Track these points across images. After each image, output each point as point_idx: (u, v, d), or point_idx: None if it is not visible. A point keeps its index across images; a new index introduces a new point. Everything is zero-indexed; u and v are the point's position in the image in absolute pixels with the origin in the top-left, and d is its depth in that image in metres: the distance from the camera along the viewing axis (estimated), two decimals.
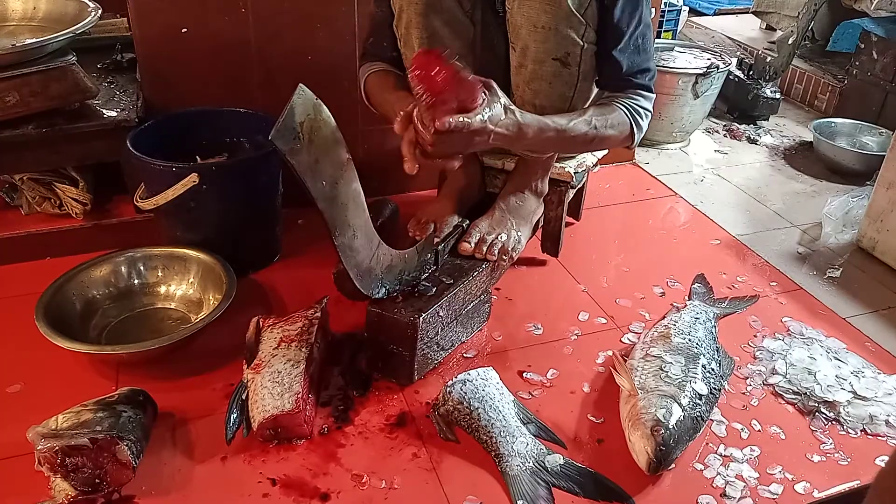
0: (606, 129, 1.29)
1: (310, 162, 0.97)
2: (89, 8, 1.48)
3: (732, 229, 1.76)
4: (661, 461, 1.03)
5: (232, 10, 1.51)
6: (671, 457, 1.05)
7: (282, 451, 1.08)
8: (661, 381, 1.14)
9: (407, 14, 1.29)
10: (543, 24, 1.24)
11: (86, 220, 1.53)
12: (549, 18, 1.23)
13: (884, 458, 1.11)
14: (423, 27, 1.28)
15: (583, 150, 1.48)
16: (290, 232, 1.58)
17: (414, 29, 1.29)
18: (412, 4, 1.27)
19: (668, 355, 1.19)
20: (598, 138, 1.29)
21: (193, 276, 1.38)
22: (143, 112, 1.50)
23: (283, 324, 1.21)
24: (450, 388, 1.13)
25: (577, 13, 1.23)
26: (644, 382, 1.14)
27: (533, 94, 1.31)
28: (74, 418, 1.00)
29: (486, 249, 1.34)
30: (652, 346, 1.23)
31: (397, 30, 1.33)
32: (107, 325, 1.32)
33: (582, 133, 1.26)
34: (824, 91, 2.55)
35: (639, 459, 1.05)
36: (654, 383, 1.13)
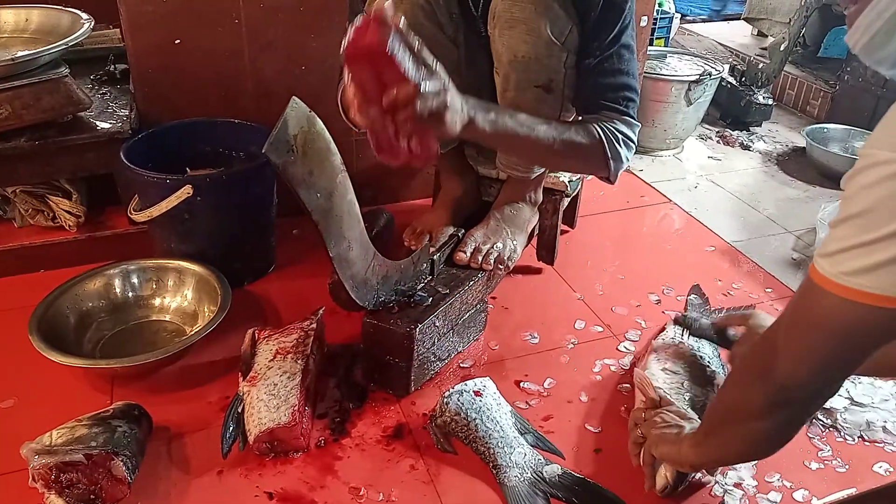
0: (570, 139, 1.21)
1: (304, 174, 0.96)
2: (82, 20, 1.47)
3: (727, 236, 1.76)
4: (678, 485, 1.01)
5: (225, 21, 1.51)
6: (686, 479, 1.03)
7: (278, 465, 1.07)
8: (683, 399, 1.12)
9: None
10: (524, 53, 1.22)
11: (79, 233, 1.52)
12: (528, 48, 1.21)
13: (882, 464, 1.11)
14: None
15: (552, 164, 1.39)
16: (285, 242, 1.58)
17: None
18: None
19: (686, 373, 1.18)
20: (564, 149, 1.21)
21: (188, 288, 1.38)
22: (136, 123, 1.49)
23: (279, 335, 1.21)
24: (447, 398, 1.13)
25: (557, 41, 1.21)
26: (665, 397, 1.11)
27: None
28: (69, 434, 1.00)
29: (481, 259, 1.34)
30: (667, 361, 1.21)
31: None
32: (101, 339, 1.31)
33: (545, 142, 1.17)
34: (816, 97, 2.57)
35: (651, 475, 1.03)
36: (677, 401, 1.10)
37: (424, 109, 0.93)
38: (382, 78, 0.91)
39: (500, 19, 1.22)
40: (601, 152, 1.24)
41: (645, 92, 2.08)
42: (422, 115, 0.93)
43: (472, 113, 1.05)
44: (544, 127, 1.17)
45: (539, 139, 1.17)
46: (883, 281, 0.63)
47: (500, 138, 1.15)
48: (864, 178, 0.63)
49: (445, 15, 1.28)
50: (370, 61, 0.90)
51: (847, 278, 0.65)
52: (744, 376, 0.85)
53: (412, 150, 0.98)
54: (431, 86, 0.93)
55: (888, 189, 0.61)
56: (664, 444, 0.99)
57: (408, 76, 0.90)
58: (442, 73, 0.97)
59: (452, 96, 0.99)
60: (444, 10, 1.27)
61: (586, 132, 1.23)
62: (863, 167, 0.64)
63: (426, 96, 0.93)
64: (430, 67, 0.95)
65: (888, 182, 0.61)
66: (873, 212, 0.63)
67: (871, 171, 0.63)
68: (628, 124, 1.27)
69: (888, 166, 0.61)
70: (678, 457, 0.96)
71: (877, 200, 0.62)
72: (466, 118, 1.04)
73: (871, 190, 0.63)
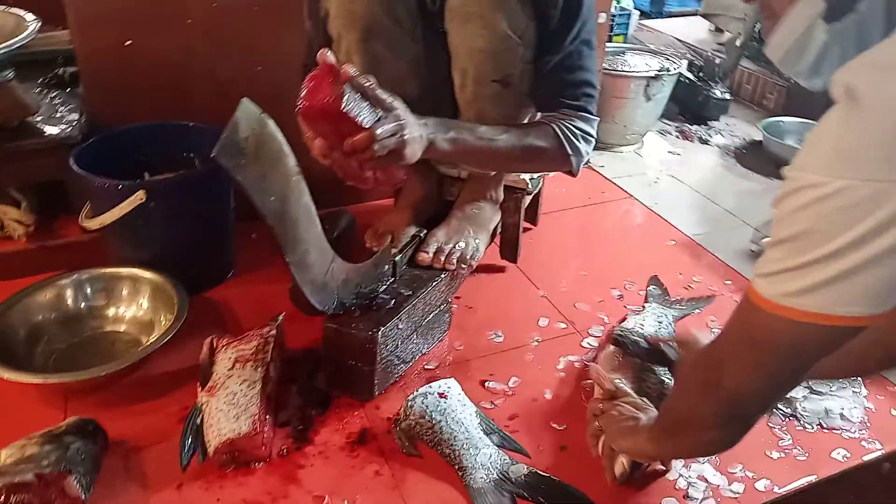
0: (530, 144, 1.23)
1: (256, 178, 0.94)
2: (27, 21, 1.43)
3: (687, 229, 1.78)
4: (634, 471, 1.03)
5: (177, 21, 1.47)
6: (643, 466, 1.04)
7: (240, 476, 1.05)
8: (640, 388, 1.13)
9: (346, 41, 1.25)
10: (480, 47, 1.22)
11: (29, 242, 1.47)
12: (485, 42, 1.21)
13: (840, 450, 1.13)
14: (363, 53, 1.25)
15: (515, 169, 1.41)
16: (244, 247, 1.55)
17: (355, 55, 1.26)
18: (350, 31, 1.24)
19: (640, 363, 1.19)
20: (525, 154, 1.23)
21: (143, 297, 1.34)
22: (87, 128, 1.45)
23: (238, 343, 1.18)
24: (411, 402, 1.12)
25: (513, 35, 1.20)
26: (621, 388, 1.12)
27: (477, 116, 1.29)
28: (19, 453, 0.96)
29: (444, 259, 1.33)
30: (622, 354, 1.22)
31: (337, 53, 1.28)
32: (53, 352, 1.27)
33: (505, 151, 1.21)
34: (772, 91, 2.61)
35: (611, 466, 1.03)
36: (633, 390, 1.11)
37: (383, 150, 1.01)
38: (340, 129, 0.99)
39: (457, 14, 1.22)
40: (561, 152, 1.26)
41: (604, 88, 2.09)
42: (381, 155, 1.01)
43: (432, 136, 1.11)
44: (504, 136, 1.21)
45: (499, 149, 1.21)
46: (821, 300, 0.65)
47: (460, 155, 1.19)
48: (794, 202, 0.64)
49: (403, 10, 1.26)
50: (325, 119, 0.98)
51: (786, 299, 0.67)
52: (692, 388, 0.87)
53: (378, 179, 1.09)
54: (388, 128, 1.01)
55: (819, 212, 0.62)
56: (622, 436, 1.01)
57: (363, 126, 0.98)
58: (399, 106, 1.04)
59: (410, 130, 1.05)
60: (401, 5, 1.26)
61: (545, 134, 1.25)
62: (792, 190, 0.65)
63: (383, 140, 1.01)
64: (386, 105, 1.03)
65: (818, 205, 0.62)
66: (807, 235, 0.64)
67: (800, 195, 0.64)
68: (586, 120, 1.28)
69: (817, 189, 0.62)
70: (636, 448, 0.99)
71: (809, 224, 0.63)
72: (426, 143, 1.10)
73: (802, 213, 0.64)
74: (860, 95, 0.61)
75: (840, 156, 0.61)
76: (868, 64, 0.63)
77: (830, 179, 0.61)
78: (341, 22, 1.25)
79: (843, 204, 0.61)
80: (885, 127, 0.59)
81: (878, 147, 0.59)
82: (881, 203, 0.59)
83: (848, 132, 0.61)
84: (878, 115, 0.60)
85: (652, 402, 1.08)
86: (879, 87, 0.60)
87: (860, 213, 0.60)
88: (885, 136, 0.59)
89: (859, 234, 0.61)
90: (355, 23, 1.24)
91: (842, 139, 0.62)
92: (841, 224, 0.61)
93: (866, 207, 0.60)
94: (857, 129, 0.61)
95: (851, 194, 0.60)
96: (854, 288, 0.63)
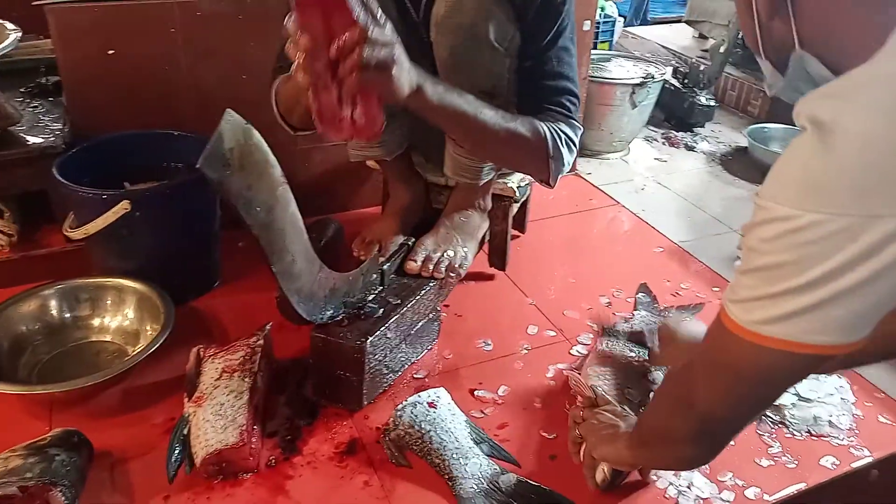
0: (515, 129, 1.19)
1: (242, 189, 0.94)
2: (7, 30, 1.42)
3: (674, 236, 1.79)
4: (616, 479, 1.03)
5: (160, 30, 1.47)
6: (624, 473, 1.04)
7: (227, 487, 1.04)
8: (622, 396, 1.13)
9: None
10: (466, 59, 1.21)
11: (12, 252, 1.46)
12: (470, 54, 1.20)
13: (828, 457, 1.13)
14: None
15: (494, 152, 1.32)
16: (231, 256, 1.53)
17: None
18: None
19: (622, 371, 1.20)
20: (508, 138, 1.19)
21: (129, 306, 1.33)
22: (70, 137, 1.44)
23: (225, 353, 1.17)
24: (400, 411, 1.11)
25: (500, 46, 1.20)
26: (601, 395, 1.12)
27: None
28: (2, 465, 0.95)
29: (432, 267, 1.33)
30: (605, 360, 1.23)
31: None
32: (38, 363, 1.25)
33: (490, 126, 1.15)
34: (756, 97, 2.63)
35: (592, 475, 1.04)
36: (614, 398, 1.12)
37: (372, 58, 0.91)
38: (331, 24, 0.90)
39: (442, 25, 1.21)
40: (543, 148, 1.24)
41: (590, 96, 2.10)
42: (368, 63, 0.90)
43: (421, 81, 1.03)
44: (491, 112, 1.16)
45: (485, 122, 1.15)
46: (792, 329, 0.65)
47: (445, 114, 1.12)
48: (765, 232, 0.64)
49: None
50: (321, 4, 0.89)
51: (758, 326, 0.67)
52: (666, 405, 0.88)
53: (355, 121, 0.96)
54: (380, 34, 0.92)
55: (791, 244, 0.62)
56: (602, 444, 1.01)
57: (357, 21, 0.89)
58: (390, 30, 0.95)
59: (401, 53, 0.97)
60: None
61: (532, 127, 1.22)
62: (762, 220, 0.64)
63: (374, 43, 0.91)
64: (378, 21, 0.93)
65: (790, 237, 0.62)
66: (779, 266, 0.64)
67: (771, 226, 0.63)
68: (571, 126, 1.28)
69: (788, 222, 0.62)
70: (616, 456, 0.99)
71: (781, 255, 0.63)
72: (415, 84, 1.02)
73: (774, 244, 0.64)
74: (825, 127, 0.60)
75: (809, 189, 0.61)
76: (830, 95, 0.63)
77: (801, 213, 0.61)
78: None
79: (814, 237, 0.61)
80: (853, 162, 0.59)
81: (847, 182, 0.59)
82: (855, 237, 0.59)
83: (816, 165, 0.61)
84: (846, 150, 0.59)
85: (633, 409, 1.09)
86: (844, 119, 0.60)
87: (833, 246, 0.60)
88: (853, 171, 0.59)
89: (833, 266, 0.60)
90: None
91: (810, 172, 0.61)
92: (813, 256, 0.61)
93: (838, 241, 0.60)
94: (825, 162, 0.60)
95: (823, 228, 0.60)
96: (826, 318, 0.63)
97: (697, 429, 0.80)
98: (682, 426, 0.82)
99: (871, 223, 0.58)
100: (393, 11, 1.25)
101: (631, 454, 0.96)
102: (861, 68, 0.62)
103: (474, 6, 1.18)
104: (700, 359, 0.78)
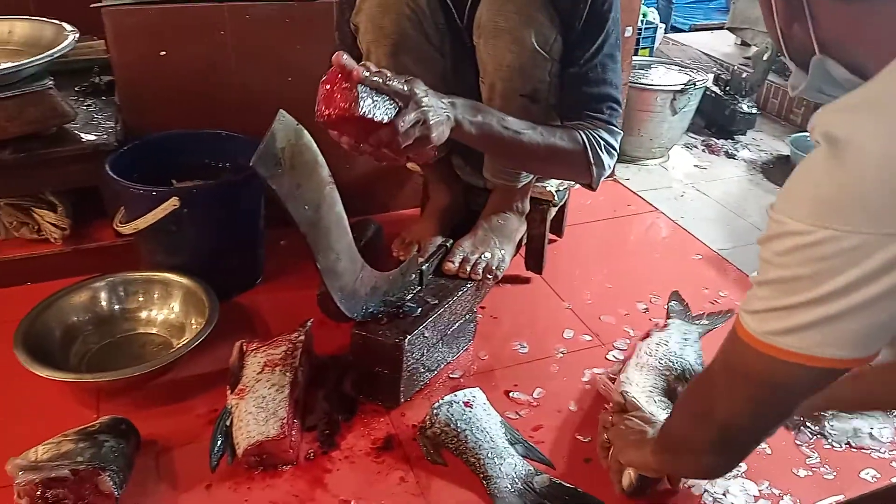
0: (554, 144, 1.22)
1: (291, 187, 0.96)
2: (66, 31, 1.47)
3: (713, 244, 1.78)
4: (643, 484, 1.02)
5: (211, 32, 1.51)
6: (652, 482, 1.04)
7: (267, 478, 1.06)
8: (653, 402, 1.13)
9: (376, 56, 1.27)
10: (508, 63, 1.22)
11: (65, 245, 1.51)
12: (513, 58, 1.22)
13: (869, 470, 1.12)
14: (392, 68, 1.25)
15: (535, 168, 1.38)
16: (273, 253, 1.57)
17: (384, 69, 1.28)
18: (379, 46, 1.26)
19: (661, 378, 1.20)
20: (548, 154, 1.22)
21: (175, 300, 1.37)
22: (122, 135, 1.49)
23: (267, 348, 1.20)
24: (436, 410, 1.13)
25: (541, 51, 1.21)
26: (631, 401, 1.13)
27: None
28: (55, 449, 0.99)
29: (470, 269, 1.34)
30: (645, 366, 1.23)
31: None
32: (87, 352, 1.30)
33: (530, 146, 1.19)
34: (799, 105, 2.59)
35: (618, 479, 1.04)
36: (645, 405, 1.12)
37: (408, 139, 1.01)
38: (362, 129, 0.98)
39: (485, 29, 1.23)
40: (584, 158, 1.26)
41: (630, 102, 2.10)
42: (407, 147, 1.01)
43: (459, 117, 1.09)
44: (530, 132, 1.19)
45: (524, 143, 1.19)
46: (806, 341, 0.65)
47: (485, 141, 1.17)
48: (779, 245, 0.64)
49: (432, 25, 1.28)
50: (345, 123, 0.97)
51: (772, 337, 0.67)
52: (687, 415, 0.88)
53: (411, 159, 1.08)
54: (410, 118, 1.00)
55: (805, 258, 0.62)
56: (629, 449, 1.02)
57: (383, 123, 0.97)
58: (419, 90, 1.02)
59: (435, 114, 1.03)
60: (430, 21, 1.28)
61: (570, 138, 1.25)
62: (776, 234, 0.65)
63: (406, 132, 1.00)
64: (404, 95, 1.00)
65: (804, 251, 0.62)
66: (794, 279, 0.64)
67: (785, 240, 0.64)
68: (611, 132, 1.29)
69: (802, 237, 0.62)
70: (642, 462, 1.00)
71: (796, 269, 0.63)
72: (453, 123, 1.08)
73: (788, 257, 0.64)
74: (840, 144, 0.60)
75: (822, 205, 0.61)
76: (844, 110, 0.62)
77: (814, 228, 0.61)
78: (371, 37, 1.27)
79: (829, 252, 0.61)
80: (868, 180, 0.59)
81: (861, 200, 0.59)
82: (869, 253, 0.59)
83: (830, 181, 0.61)
84: (861, 168, 0.59)
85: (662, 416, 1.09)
86: (858, 136, 0.59)
87: (846, 262, 0.60)
88: (867, 190, 0.59)
89: (847, 281, 0.61)
90: (385, 38, 1.25)
91: (823, 188, 0.61)
92: (827, 271, 0.61)
93: (853, 257, 0.60)
94: (839, 179, 0.60)
95: (837, 244, 0.60)
96: (839, 332, 0.64)
97: (717, 438, 0.81)
98: (702, 436, 0.82)
99: (886, 241, 0.58)
100: (440, 17, 1.28)
101: (655, 460, 0.96)
102: (876, 82, 0.62)
103: (516, 11, 1.19)
104: (718, 369, 0.79)
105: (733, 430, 0.79)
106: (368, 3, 1.25)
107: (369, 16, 1.26)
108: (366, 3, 1.26)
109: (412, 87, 1.01)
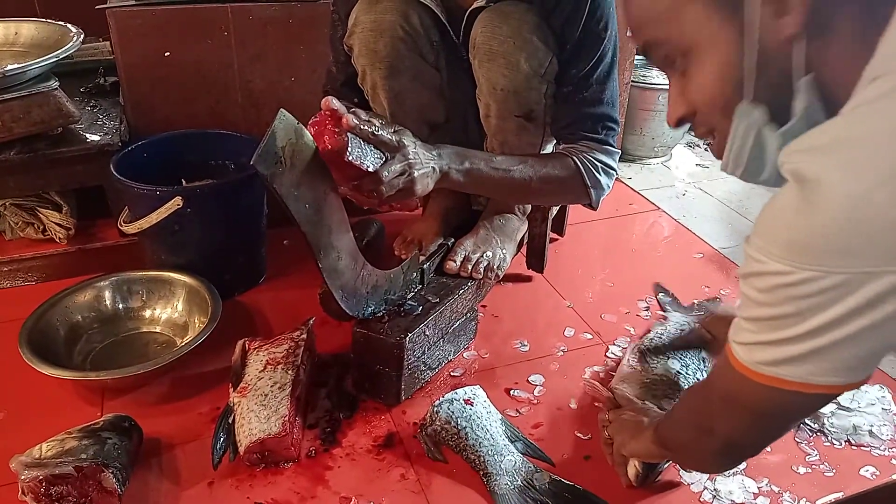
0: (548, 174, 1.22)
1: (292, 186, 0.97)
2: (71, 33, 1.48)
3: (715, 242, 1.78)
4: (649, 472, 1.04)
5: (214, 33, 1.52)
6: (658, 468, 1.05)
7: (269, 475, 1.07)
8: (649, 395, 1.14)
9: (371, 77, 1.28)
10: (503, 86, 1.22)
11: (70, 245, 1.52)
12: (507, 82, 1.21)
13: (868, 467, 1.12)
14: (388, 89, 1.27)
15: (533, 200, 1.41)
16: (276, 252, 1.58)
17: (380, 90, 1.28)
18: (375, 69, 1.26)
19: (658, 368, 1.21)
20: (543, 185, 1.22)
21: (178, 299, 1.38)
22: (126, 136, 1.50)
23: (269, 346, 1.21)
24: (437, 407, 1.13)
25: (536, 74, 1.21)
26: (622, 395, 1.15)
27: (500, 145, 1.32)
28: (59, 446, 1.00)
29: (471, 268, 1.35)
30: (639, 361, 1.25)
31: (363, 86, 1.32)
32: (91, 351, 1.31)
33: (522, 181, 1.20)
34: None
35: (624, 472, 1.06)
36: (643, 396, 1.14)
37: (391, 190, 1.03)
38: (346, 173, 1.00)
39: (480, 51, 1.22)
40: (580, 183, 1.26)
41: (633, 100, 2.10)
42: (390, 196, 1.03)
43: (445, 168, 1.10)
44: (521, 167, 1.20)
45: (516, 180, 1.20)
46: (798, 371, 0.66)
47: (476, 185, 1.18)
48: (760, 283, 0.65)
49: (426, 44, 1.28)
50: (331, 164, 0.99)
51: (766, 367, 0.68)
52: (689, 429, 0.89)
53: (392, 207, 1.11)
54: (395, 169, 1.01)
55: (787, 296, 0.63)
56: (630, 442, 1.03)
57: (369, 171, 0.99)
58: (408, 143, 1.03)
59: (420, 166, 1.05)
60: (424, 39, 1.27)
61: (563, 165, 1.25)
62: (757, 272, 0.65)
63: (391, 182, 1.01)
64: (391, 146, 1.02)
65: (786, 290, 0.62)
66: (779, 316, 0.64)
67: (766, 279, 0.64)
68: (607, 153, 1.28)
69: (782, 276, 0.62)
70: (645, 450, 1.01)
71: (780, 307, 0.64)
72: (439, 175, 1.09)
73: (769, 296, 0.64)
74: (809, 185, 0.60)
75: (796, 248, 0.61)
76: (811, 150, 0.62)
77: (793, 269, 0.61)
78: (366, 61, 1.27)
79: (810, 291, 0.61)
80: (838, 222, 0.58)
81: (833, 242, 0.59)
82: (852, 291, 0.59)
83: (801, 223, 0.61)
84: (830, 210, 0.58)
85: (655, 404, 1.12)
86: (828, 177, 0.59)
87: (830, 300, 0.61)
88: (838, 232, 0.58)
89: (834, 316, 0.61)
90: (380, 62, 1.25)
91: (795, 232, 0.61)
92: (813, 308, 0.62)
93: (835, 295, 0.60)
94: (809, 222, 0.60)
95: (817, 283, 0.60)
96: (833, 361, 0.64)
97: (721, 449, 0.82)
98: (705, 446, 0.84)
99: (866, 278, 0.59)
100: (435, 34, 1.28)
101: (659, 450, 0.98)
102: (840, 120, 0.62)
103: (511, 35, 1.19)
104: (716, 396, 0.79)
105: (737, 444, 0.81)
106: (361, 26, 1.25)
107: (362, 40, 1.25)
108: (358, 27, 1.25)
109: (400, 139, 1.03)
